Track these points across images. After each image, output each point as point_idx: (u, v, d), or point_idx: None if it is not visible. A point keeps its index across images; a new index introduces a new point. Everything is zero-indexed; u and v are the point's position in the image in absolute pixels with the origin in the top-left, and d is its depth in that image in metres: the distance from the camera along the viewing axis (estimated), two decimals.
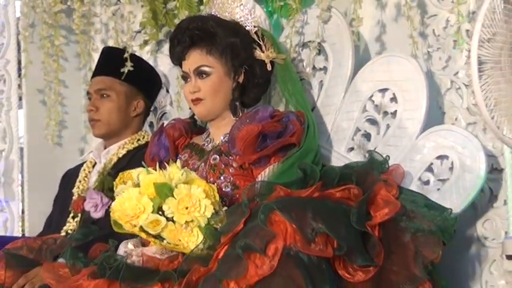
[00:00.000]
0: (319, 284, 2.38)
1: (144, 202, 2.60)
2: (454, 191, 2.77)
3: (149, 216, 2.59)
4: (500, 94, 2.27)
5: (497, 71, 2.24)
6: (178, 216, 2.59)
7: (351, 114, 3.09)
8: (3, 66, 4.11)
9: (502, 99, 2.29)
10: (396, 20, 3.19)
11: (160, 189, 2.62)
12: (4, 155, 4.09)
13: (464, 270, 2.89)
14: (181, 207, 2.60)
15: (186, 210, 2.60)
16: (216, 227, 2.62)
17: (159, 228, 2.59)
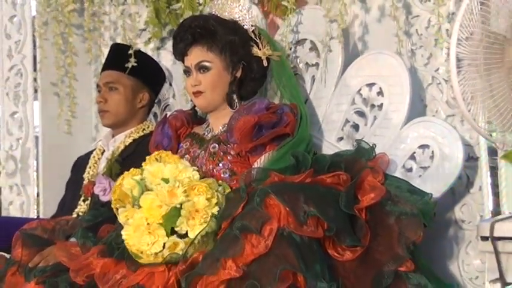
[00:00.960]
0: (310, 263, 2.38)
1: (154, 229, 2.56)
2: (434, 178, 2.77)
3: (166, 242, 2.55)
4: (476, 89, 2.25)
5: (474, 68, 2.23)
6: (192, 233, 2.56)
7: (341, 106, 3.08)
8: (20, 61, 4.09)
9: (478, 94, 2.28)
10: (382, 20, 3.18)
11: (168, 216, 2.57)
12: (21, 143, 4.08)
13: (443, 251, 2.89)
14: (191, 222, 2.57)
15: (194, 221, 2.56)
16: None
17: (179, 249, 2.56)
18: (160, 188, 2.62)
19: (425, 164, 2.82)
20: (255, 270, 2.37)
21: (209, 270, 2.40)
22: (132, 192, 2.66)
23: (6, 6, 4.16)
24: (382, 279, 2.41)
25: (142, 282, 2.52)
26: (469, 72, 2.24)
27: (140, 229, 2.57)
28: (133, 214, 2.61)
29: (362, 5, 3.24)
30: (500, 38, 2.27)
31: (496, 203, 2.65)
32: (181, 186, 2.62)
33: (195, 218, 2.57)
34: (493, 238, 2.26)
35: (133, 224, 2.59)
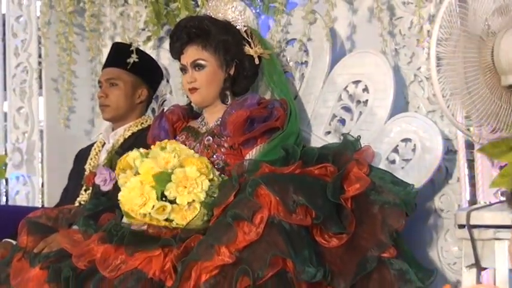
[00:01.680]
0: (299, 249, 2.39)
1: (147, 192, 2.58)
2: (415, 169, 2.77)
3: (155, 204, 2.57)
4: (454, 86, 2.26)
5: (452, 66, 2.24)
6: (180, 199, 2.57)
7: (328, 102, 3.08)
8: (26, 58, 4.09)
9: (456, 91, 2.29)
10: (368, 21, 3.17)
11: (159, 178, 2.60)
12: (27, 136, 4.08)
13: (424, 238, 2.89)
14: (180, 189, 2.58)
15: (185, 189, 2.58)
16: (213, 196, 2.62)
17: (166, 213, 2.57)
18: (158, 155, 2.65)
19: (408, 157, 2.82)
20: (247, 256, 2.38)
21: (204, 256, 2.41)
22: (134, 161, 2.68)
23: (13, 7, 4.16)
24: (366, 264, 2.42)
25: (140, 267, 2.53)
26: (448, 70, 2.25)
27: (134, 190, 2.59)
28: (131, 178, 2.63)
29: (349, 7, 3.23)
30: (477, 38, 2.28)
31: (472, 193, 2.66)
32: (176, 156, 2.64)
33: (186, 186, 2.58)
34: (469, 226, 2.26)
35: (129, 187, 2.62)
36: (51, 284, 2.64)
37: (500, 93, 2.25)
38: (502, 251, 2.17)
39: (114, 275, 2.54)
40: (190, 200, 2.58)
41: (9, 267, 2.87)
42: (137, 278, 2.52)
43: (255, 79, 3.11)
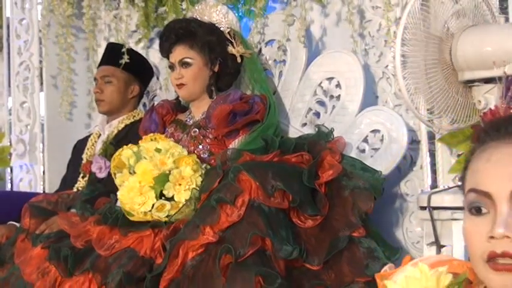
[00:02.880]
0: (277, 229, 2.40)
1: (146, 191, 2.58)
2: (383, 158, 2.78)
3: (155, 203, 2.57)
4: (417, 82, 2.27)
5: (416, 64, 2.25)
6: (178, 197, 2.58)
7: (305, 97, 3.09)
8: (28, 57, 4.07)
9: (419, 86, 2.30)
10: (340, 24, 3.18)
11: (158, 179, 2.60)
12: (29, 128, 4.06)
13: (390, 220, 2.90)
14: (177, 187, 2.58)
15: (181, 187, 2.58)
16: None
17: (166, 210, 2.58)
18: (153, 157, 2.65)
19: (376, 146, 2.83)
20: (229, 235, 2.39)
21: (190, 236, 2.42)
22: (129, 160, 2.68)
23: (16, 10, 4.13)
24: (338, 243, 2.43)
25: (132, 246, 2.54)
26: (411, 68, 2.26)
27: (133, 190, 2.59)
28: (128, 178, 2.63)
29: (322, 10, 3.24)
30: (437, 39, 2.30)
31: (434, 179, 2.68)
32: (171, 157, 2.64)
33: (181, 184, 2.59)
34: (430, 208, 2.28)
35: (127, 186, 2.61)
36: (51, 262, 2.63)
37: (458, 88, 2.27)
38: (458, 230, 2.19)
39: (109, 253, 2.55)
40: (187, 197, 2.59)
41: (13, 247, 2.87)
42: (130, 256, 2.52)
43: (238, 76, 3.11)
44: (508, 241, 1.16)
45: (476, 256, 1.20)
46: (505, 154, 1.21)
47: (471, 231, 1.22)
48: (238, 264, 2.32)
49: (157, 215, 2.58)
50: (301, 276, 2.39)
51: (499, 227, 1.16)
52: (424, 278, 1.18)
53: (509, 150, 1.21)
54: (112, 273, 2.49)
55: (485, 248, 1.18)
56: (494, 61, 2.03)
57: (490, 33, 2.20)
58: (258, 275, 2.28)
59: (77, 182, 3.36)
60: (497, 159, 1.21)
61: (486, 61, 2.11)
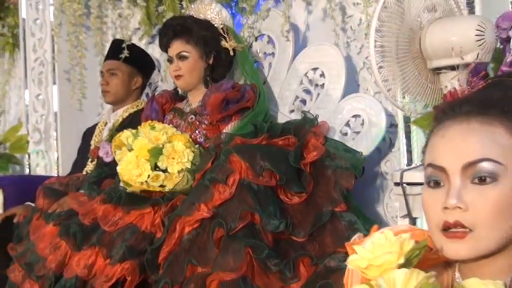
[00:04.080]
0: (265, 205, 2.41)
1: (142, 164, 2.59)
2: (364, 140, 2.77)
3: (150, 174, 2.58)
4: (393, 71, 2.27)
5: (390, 54, 2.24)
6: (171, 168, 2.59)
7: (292, 86, 3.08)
8: (42, 54, 4.07)
9: (395, 76, 2.30)
10: (324, 19, 3.16)
11: (153, 152, 2.61)
12: (44, 118, 4.07)
13: (372, 196, 2.89)
14: (170, 160, 2.60)
15: (174, 160, 2.60)
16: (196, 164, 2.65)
17: (160, 180, 2.59)
18: (149, 134, 2.67)
19: (357, 130, 2.82)
20: (221, 211, 2.40)
21: (186, 212, 2.43)
22: (127, 140, 2.69)
23: (31, 11, 4.13)
24: (321, 217, 2.44)
25: (134, 222, 2.55)
26: (387, 58, 2.25)
27: (131, 164, 2.61)
28: (127, 153, 2.65)
29: (307, 7, 3.23)
30: (409, 31, 2.29)
31: (409, 158, 2.67)
32: (165, 134, 2.66)
33: (174, 157, 2.60)
34: (402, 183, 2.28)
35: (126, 160, 2.63)
36: (62, 238, 2.65)
37: (427, 75, 2.26)
38: None
39: (113, 229, 2.57)
40: (180, 169, 2.60)
41: (29, 225, 2.88)
42: (132, 231, 2.54)
43: (231, 68, 3.10)
44: (460, 211, 1.16)
45: (432, 226, 1.20)
46: (458, 131, 1.20)
47: (428, 203, 1.22)
48: (229, 237, 2.33)
49: (152, 184, 2.60)
50: (288, 247, 2.39)
51: (452, 198, 1.16)
52: (389, 244, 1.17)
53: (462, 128, 1.20)
54: (116, 247, 2.51)
55: (440, 218, 1.18)
56: (453, 48, 2.03)
57: (454, 25, 2.19)
58: (248, 246, 2.29)
59: (86, 166, 3.36)
60: (451, 136, 1.21)
61: (451, 50, 2.10)
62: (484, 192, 1.16)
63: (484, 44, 2.09)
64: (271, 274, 2.30)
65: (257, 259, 2.29)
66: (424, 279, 1.11)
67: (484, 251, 1.17)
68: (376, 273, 1.15)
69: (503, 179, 1.16)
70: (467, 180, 1.17)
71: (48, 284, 2.57)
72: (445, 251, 1.18)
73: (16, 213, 3.18)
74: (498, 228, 1.16)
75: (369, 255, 1.16)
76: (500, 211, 1.15)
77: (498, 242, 1.17)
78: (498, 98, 1.23)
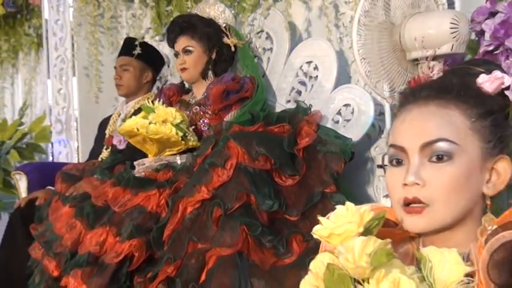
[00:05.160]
0: (261, 187, 2.40)
1: (138, 119, 2.68)
2: (354, 127, 2.75)
3: (141, 120, 2.67)
4: (374, 62, 2.26)
5: (371, 46, 2.24)
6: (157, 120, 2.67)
7: (288, 78, 3.06)
8: (63, 52, 4.10)
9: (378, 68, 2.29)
10: (319, 16, 3.15)
11: (146, 109, 2.70)
12: (65, 110, 4.10)
13: (363, 179, 2.86)
14: (159, 117, 2.67)
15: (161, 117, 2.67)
16: (184, 128, 2.70)
17: (147, 120, 2.67)
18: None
19: (348, 118, 2.80)
20: (220, 192, 2.40)
21: (188, 193, 2.43)
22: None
23: (52, 13, 4.16)
24: (313, 197, 2.43)
25: (141, 203, 2.56)
26: (367, 50, 2.24)
27: (129, 121, 2.74)
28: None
29: (305, 5, 3.22)
30: (390, 25, 2.28)
31: None
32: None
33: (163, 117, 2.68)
34: (383, 165, 2.26)
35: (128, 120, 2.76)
36: (77, 218, 2.67)
37: (406, 65, 2.26)
38: None
39: (122, 210, 2.58)
40: (164, 119, 2.65)
41: (49, 207, 2.90)
42: (139, 211, 2.55)
43: (232, 63, 3.09)
44: (418, 187, 1.16)
45: (394, 201, 1.20)
46: (417, 114, 1.20)
47: (390, 181, 1.21)
48: (227, 216, 2.33)
49: (141, 122, 2.66)
50: (282, 226, 2.39)
51: (410, 175, 1.16)
52: (350, 214, 1.16)
53: (421, 111, 1.20)
54: (125, 226, 2.51)
55: (400, 194, 1.18)
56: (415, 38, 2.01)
57: (430, 19, 2.18)
58: (243, 224, 2.29)
59: (101, 153, 3.38)
60: (410, 118, 1.21)
61: (428, 42, 2.09)
62: (440, 170, 1.15)
63: (458, 36, 2.07)
64: (266, 250, 2.29)
65: (252, 236, 2.29)
66: (380, 245, 1.10)
67: (440, 225, 1.17)
68: (337, 241, 1.14)
69: (458, 157, 1.16)
70: (425, 158, 1.17)
71: (64, 260, 2.58)
72: (405, 224, 1.18)
73: (38, 196, 3.20)
74: (453, 203, 1.15)
75: (331, 225, 1.16)
76: (455, 187, 1.15)
77: (453, 216, 1.16)
78: (455, 84, 1.23)
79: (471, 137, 1.17)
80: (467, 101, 1.20)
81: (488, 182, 1.19)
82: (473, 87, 1.23)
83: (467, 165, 1.16)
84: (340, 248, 1.08)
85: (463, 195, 1.16)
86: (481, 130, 1.18)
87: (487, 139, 1.18)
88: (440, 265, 1.11)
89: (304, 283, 1.15)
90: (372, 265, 1.05)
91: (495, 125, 1.20)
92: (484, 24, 1.96)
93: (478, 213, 1.19)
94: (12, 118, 4.98)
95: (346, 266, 1.07)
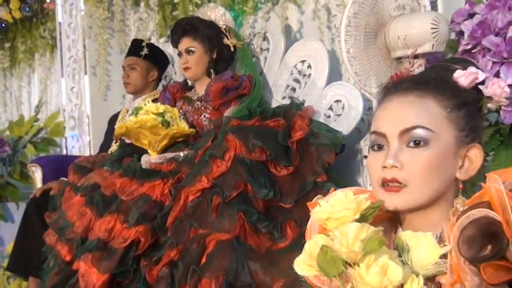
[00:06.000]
0: (257, 177, 2.42)
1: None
2: (344, 121, 2.76)
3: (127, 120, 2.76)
4: (362, 61, 2.26)
5: (358, 46, 2.24)
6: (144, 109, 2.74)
7: (284, 76, 3.07)
8: (75, 52, 4.11)
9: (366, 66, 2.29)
10: (312, 19, 3.14)
11: (136, 109, 2.78)
12: (78, 107, 4.12)
13: (354, 169, 2.86)
14: (143, 110, 2.75)
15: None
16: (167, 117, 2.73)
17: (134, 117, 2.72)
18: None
19: (339, 113, 2.80)
20: (219, 182, 2.41)
21: (190, 183, 2.45)
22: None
23: (65, 17, 4.17)
24: (305, 186, 2.44)
25: (147, 192, 2.57)
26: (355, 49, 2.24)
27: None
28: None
29: (298, 9, 3.22)
30: (377, 26, 2.28)
31: None
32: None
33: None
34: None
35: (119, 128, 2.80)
36: (87, 206, 2.68)
37: (391, 63, 2.26)
38: None
39: (129, 198, 2.58)
40: (146, 111, 2.72)
41: (62, 196, 2.90)
42: (145, 200, 2.55)
43: (231, 62, 3.08)
44: (396, 170, 1.18)
45: (374, 182, 1.22)
46: (397, 103, 1.23)
47: (371, 163, 1.23)
48: (225, 204, 2.34)
49: (128, 119, 2.75)
50: (276, 213, 2.40)
51: (389, 159, 1.18)
52: (348, 201, 1.18)
53: (401, 101, 1.23)
54: (131, 213, 2.53)
55: (380, 175, 1.20)
56: (399, 37, 2.01)
57: (413, 20, 2.18)
58: (240, 211, 2.31)
59: (111, 147, 3.39)
60: (390, 107, 1.23)
61: (410, 41, 2.10)
62: (417, 154, 1.18)
63: (438, 35, 2.08)
64: (262, 235, 2.31)
65: (249, 222, 2.30)
66: (373, 232, 1.12)
67: (415, 203, 1.19)
68: (334, 225, 1.16)
69: (433, 143, 1.18)
70: (403, 144, 1.19)
71: (75, 245, 2.60)
72: (384, 203, 1.20)
73: (52, 187, 3.20)
74: (428, 184, 1.18)
75: (329, 209, 1.18)
76: (429, 170, 1.17)
77: (428, 196, 1.19)
78: (433, 78, 1.25)
79: (446, 125, 1.20)
80: (443, 93, 1.22)
81: (461, 168, 1.21)
82: (450, 81, 1.26)
83: (441, 151, 1.18)
84: (336, 233, 1.10)
85: (437, 178, 1.18)
86: (456, 120, 1.21)
87: (461, 128, 1.21)
88: (417, 248, 1.13)
89: (299, 262, 1.17)
90: (364, 251, 1.07)
91: (469, 115, 1.23)
92: (462, 25, 1.96)
93: (451, 195, 1.21)
94: (28, 115, 4.98)
95: (339, 250, 1.09)
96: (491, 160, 1.83)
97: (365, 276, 1.06)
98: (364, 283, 1.06)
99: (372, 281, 1.06)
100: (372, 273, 1.06)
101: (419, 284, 1.05)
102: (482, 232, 1.06)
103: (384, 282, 1.05)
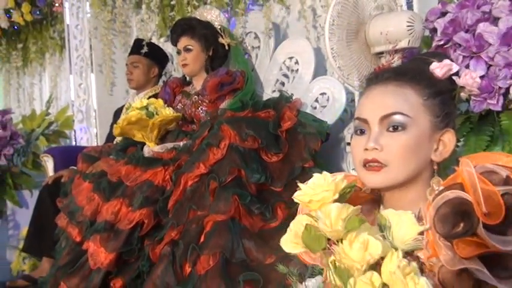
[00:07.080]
0: (250, 163, 2.42)
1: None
2: (329, 112, 2.75)
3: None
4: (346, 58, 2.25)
5: (341, 42, 2.23)
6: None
7: (273, 71, 3.06)
8: (82, 52, 4.09)
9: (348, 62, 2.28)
10: (299, 19, 3.13)
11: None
12: (85, 102, 4.09)
13: (338, 157, 2.86)
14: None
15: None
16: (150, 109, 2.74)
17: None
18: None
19: (324, 104, 2.80)
20: (215, 168, 2.41)
21: (188, 169, 2.45)
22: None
23: (73, 19, 4.13)
24: (294, 171, 2.45)
25: (150, 178, 2.56)
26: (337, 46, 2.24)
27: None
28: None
29: (286, 10, 3.21)
30: (358, 25, 2.27)
31: None
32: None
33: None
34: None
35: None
36: (95, 192, 2.67)
37: (371, 59, 2.26)
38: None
39: (134, 184, 2.58)
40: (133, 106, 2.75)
41: (73, 183, 2.90)
42: (148, 185, 2.55)
43: (226, 59, 3.08)
44: (377, 151, 1.19)
45: (356, 163, 1.23)
46: (378, 92, 1.24)
47: (354, 146, 1.25)
48: (221, 188, 2.34)
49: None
50: (268, 196, 2.40)
51: (371, 141, 1.19)
52: (326, 184, 1.19)
53: (381, 90, 1.24)
54: (136, 197, 2.52)
55: (362, 157, 1.21)
56: (381, 32, 2.01)
57: (390, 18, 2.18)
58: (235, 194, 2.31)
59: (116, 138, 3.37)
60: (372, 96, 1.24)
61: (388, 38, 2.09)
62: (396, 138, 1.19)
63: (413, 33, 2.08)
64: (255, 216, 2.32)
65: (243, 204, 2.30)
66: (353, 211, 1.12)
67: (394, 181, 1.20)
68: (316, 206, 1.17)
69: (410, 128, 1.19)
70: (383, 128, 1.20)
71: (85, 227, 2.60)
72: (365, 181, 1.21)
73: (63, 174, 3.20)
74: (405, 165, 1.19)
75: (310, 191, 1.18)
76: (407, 152, 1.18)
77: (406, 175, 1.20)
78: (411, 69, 1.27)
79: (423, 112, 1.21)
80: (420, 83, 1.24)
81: (436, 150, 1.23)
82: (427, 72, 1.28)
83: (418, 135, 1.19)
84: (319, 213, 1.10)
85: (414, 160, 1.19)
86: (431, 107, 1.22)
87: (436, 114, 1.22)
88: (397, 225, 1.13)
89: (285, 240, 1.17)
90: (346, 229, 1.07)
91: (443, 103, 1.24)
92: (436, 23, 1.97)
93: (427, 176, 1.22)
94: (40, 109, 4.96)
95: (323, 229, 1.09)
96: (462, 145, 1.84)
97: (348, 252, 1.07)
98: (348, 258, 1.07)
99: (354, 256, 1.06)
100: (355, 248, 1.06)
101: (399, 256, 1.06)
102: (455, 211, 1.07)
103: (366, 256, 1.06)
